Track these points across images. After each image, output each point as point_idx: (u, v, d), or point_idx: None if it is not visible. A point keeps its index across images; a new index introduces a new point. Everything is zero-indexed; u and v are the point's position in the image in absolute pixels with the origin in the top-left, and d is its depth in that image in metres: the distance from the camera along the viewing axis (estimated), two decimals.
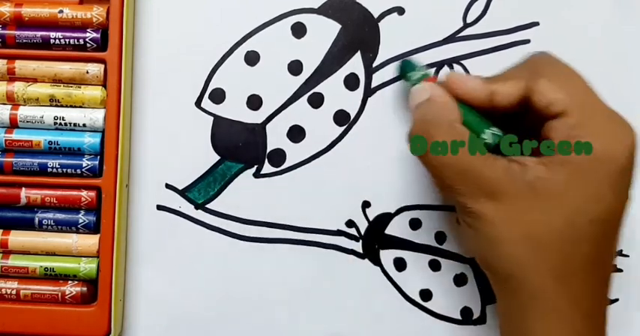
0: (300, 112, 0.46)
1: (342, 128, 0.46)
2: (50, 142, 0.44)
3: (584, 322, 0.37)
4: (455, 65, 0.46)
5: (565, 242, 0.36)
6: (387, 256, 0.46)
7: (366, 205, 0.46)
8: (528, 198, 0.36)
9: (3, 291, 0.44)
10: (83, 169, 0.44)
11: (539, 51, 0.41)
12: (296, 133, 0.46)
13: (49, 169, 0.44)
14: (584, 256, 0.36)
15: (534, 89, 0.38)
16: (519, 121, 0.40)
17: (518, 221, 0.36)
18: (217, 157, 0.46)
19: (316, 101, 0.46)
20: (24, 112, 0.44)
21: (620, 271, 0.46)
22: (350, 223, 0.46)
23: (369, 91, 0.46)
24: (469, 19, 0.47)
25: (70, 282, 0.45)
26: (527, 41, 0.46)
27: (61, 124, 0.45)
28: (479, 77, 0.40)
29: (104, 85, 0.45)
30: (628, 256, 0.46)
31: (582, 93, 0.38)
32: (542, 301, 0.37)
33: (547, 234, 0.36)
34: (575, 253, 0.36)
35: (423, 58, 0.46)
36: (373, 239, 0.46)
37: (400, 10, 0.47)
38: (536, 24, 0.46)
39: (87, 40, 0.44)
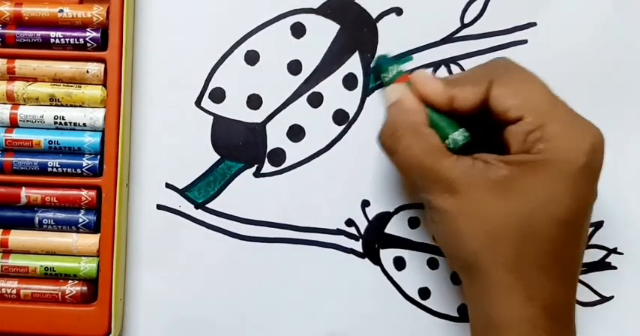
0: (300, 112, 0.46)
1: (342, 127, 0.47)
2: (50, 142, 0.44)
3: (542, 315, 0.37)
4: (452, 65, 0.47)
5: (521, 238, 0.37)
6: (387, 255, 0.47)
7: (365, 204, 0.47)
8: (488, 194, 0.38)
9: (3, 290, 0.44)
10: (83, 169, 0.44)
11: (498, 56, 0.42)
12: (296, 133, 0.47)
13: (49, 169, 0.44)
14: (541, 253, 0.37)
15: (491, 95, 0.39)
16: (484, 118, 0.40)
17: (477, 216, 0.38)
18: (217, 157, 0.46)
19: (316, 101, 0.46)
20: (24, 111, 0.44)
21: (615, 268, 0.47)
22: (349, 222, 0.47)
23: (367, 91, 0.47)
24: (467, 20, 0.47)
25: (70, 281, 0.45)
26: (524, 41, 0.47)
27: (61, 123, 0.44)
28: (440, 80, 0.41)
29: (104, 85, 0.45)
30: (622, 253, 0.47)
31: (539, 98, 0.39)
32: (497, 291, 0.38)
33: (504, 229, 0.37)
34: (531, 249, 0.37)
35: (421, 59, 0.47)
36: (373, 238, 0.47)
37: (398, 11, 0.47)
38: (533, 24, 0.47)
39: (87, 39, 0.44)
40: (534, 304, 0.37)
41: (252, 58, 0.47)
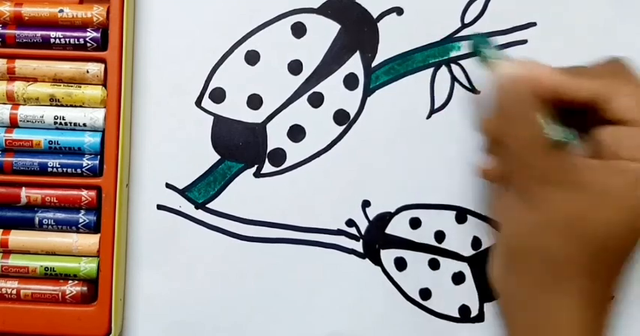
0: (300, 112, 0.46)
1: (342, 128, 0.46)
2: (50, 142, 0.44)
3: (598, 321, 0.37)
4: (453, 65, 0.47)
5: (613, 247, 0.36)
6: (388, 255, 0.46)
7: (366, 204, 0.47)
8: (590, 195, 0.36)
9: (3, 291, 0.44)
10: (83, 169, 0.44)
11: (615, 57, 0.40)
12: (296, 133, 0.46)
13: (50, 169, 0.44)
14: (618, 261, 0.37)
15: (610, 92, 0.37)
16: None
17: (578, 214, 0.36)
18: (217, 157, 0.46)
19: (316, 101, 0.46)
20: (24, 111, 0.44)
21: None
22: (350, 223, 0.47)
23: (368, 91, 0.47)
24: (467, 20, 0.47)
25: (70, 282, 0.45)
26: (524, 41, 0.47)
27: (61, 123, 0.45)
28: (555, 68, 0.39)
29: (104, 85, 0.45)
30: None
31: None
32: (574, 291, 0.37)
33: (600, 236, 0.36)
34: (616, 258, 0.37)
35: (420, 58, 0.47)
36: (374, 239, 0.47)
37: (399, 11, 0.47)
38: (533, 24, 0.47)
39: (87, 39, 0.44)
40: (599, 313, 0.37)
41: (252, 58, 0.47)
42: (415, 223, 0.47)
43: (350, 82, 0.47)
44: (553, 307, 0.37)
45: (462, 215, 0.47)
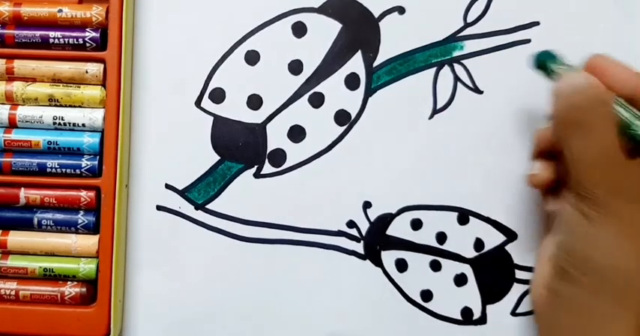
0: (301, 112, 0.46)
1: (343, 128, 0.46)
2: (49, 142, 0.44)
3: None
4: (456, 65, 0.46)
5: None
6: (389, 257, 0.46)
7: (367, 205, 0.46)
8: None
9: (2, 291, 0.44)
10: (82, 169, 0.44)
11: None
12: (296, 133, 0.46)
13: (48, 169, 0.44)
14: None
15: None
16: None
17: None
18: (217, 157, 0.46)
19: (317, 101, 0.46)
20: (23, 111, 0.44)
21: None
22: (351, 224, 0.46)
23: (369, 91, 0.46)
24: (469, 19, 0.46)
25: (69, 282, 0.45)
26: (527, 41, 0.46)
27: (60, 123, 0.44)
28: (628, 68, 0.38)
29: (103, 85, 0.45)
30: None
31: None
32: (629, 315, 0.36)
33: None
34: None
35: (422, 58, 0.46)
36: (374, 240, 0.46)
37: (401, 10, 0.46)
38: (536, 24, 0.46)
39: (86, 39, 0.44)
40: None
41: (252, 58, 0.46)
42: (416, 225, 0.46)
43: (351, 82, 0.46)
44: (604, 328, 0.36)
45: (463, 216, 0.46)
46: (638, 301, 0.36)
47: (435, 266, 0.46)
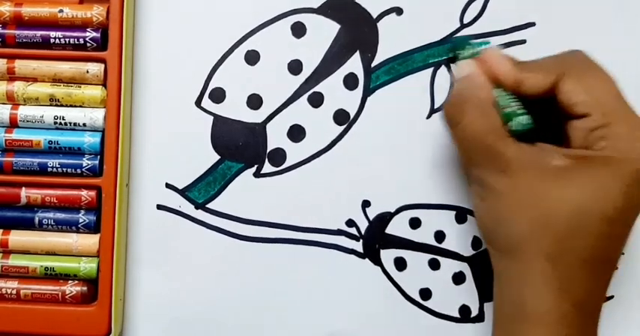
0: (301, 112, 0.46)
1: (342, 127, 0.47)
2: (50, 142, 0.44)
3: (575, 309, 0.37)
4: (453, 65, 0.47)
5: (567, 230, 0.37)
6: (388, 255, 0.46)
7: (366, 204, 0.47)
8: (542, 181, 0.38)
9: (3, 291, 0.44)
10: (83, 169, 0.44)
11: (575, 49, 0.41)
12: (296, 133, 0.46)
13: (49, 169, 0.44)
14: (584, 247, 0.37)
15: (560, 88, 0.39)
16: (547, 105, 0.40)
17: (527, 200, 0.38)
18: (217, 157, 0.46)
19: (316, 101, 0.46)
20: (24, 111, 0.44)
21: (616, 268, 0.46)
22: (350, 223, 0.47)
23: (368, 91, 0.47)
24: (466, 20, 0.47)
25: (70, 282, 0.45)
26: (523, 41, 0.47)
27: (61, 123, 0.44)
28: (511, 61, 0.41)
29: (104, 85, 0.45)
30: (623, 253, 0.46)
31: (608, 97, 0.39)
32: (534, 279, 0.38)
33: (552, 218, 0.37)
34: (575, 242, 0.37)
35: (420, 58, 0.47)
36: (373, 239, 0.47)
37: (399, 11, 0.47)
38: (532, 24, 0.47)
39: (87, 39, 0.44)
40: (568, 298, 0.37)
41: (252, 57, 0.47)
42: (415, 223, 0.47)
43: (350, 81, 0.47)
44: (520, 294, 0.38)
45: (462, 215, 0.47)
46: (535, 262, 0.38)
47: (434, 265, 0.47)
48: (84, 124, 0.44)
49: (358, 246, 0.47)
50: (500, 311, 0.40)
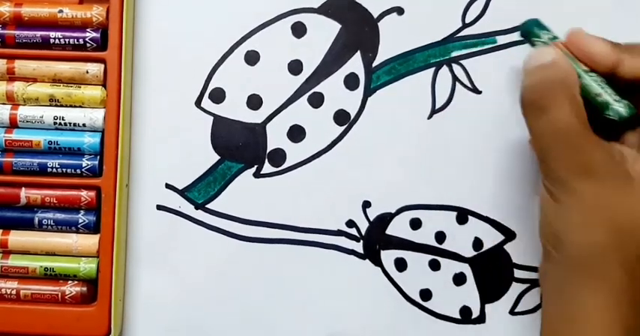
0: (301, 112, 0.46)
1: (343, 128, 0.46)
2: (50, 142, 0.44)
3: (636, 321, 0.36)
4: (454, 65, 0.46)
5: None
6: (388, 256, 0.46)
7: (366, 205, 0.46)
8: (624, 188, 0.36)
9: (3, 291, 0.44)
10: (83, 169, 0.44)
11: None
12: (296, 133, 0.46)
13: (49, 169, 0.44)
14: None
15: None
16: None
17: (608, 207, 0.36)
18: (217, 157, 0.46)
19: (316, 101, 0.46)
20: (24, 111, 0.44)
21: None
22: (350, 223, 0.46)
23: (368, 91, 0.47)
24: (468, 19, 0.47)
25: (69, 282, 0.45)
26: (525, 41, 0.46)
27: (60, 123, 0.45)
28: (606, 41, 0.39)
29: (104, 85, 0.45)
30: None
31: None
32: (605, 287, 0.36)
33: (632, 228, 0.36)
34: None
35: (421, 58, 0.47)
36: (374, 239, 0.46)
37: (399, 10, 0.47)
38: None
39: (87, 39, 0.44)
40: (635, 311, 0.36)
41: (252, 58, 0.46)
42: (416, 224, 0.46)
43: (350, 82, 0.46)
44: (584, 303, 0.36)
45: (462, 216, 0.46)
46: (611, 273, 0.36)
47: (434, 265, 0.46)
48: (84, 125, 0.45)
49: (358, 246, 0.46)
50: (552, 319, 0.39)
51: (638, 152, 0.37)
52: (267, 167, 0.46)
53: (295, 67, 0.46)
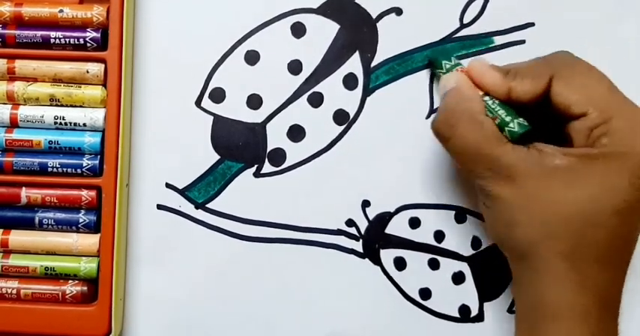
0: (300, 112, 0.47)
1: (342, 127, 0.47)
2: (50, 142, 0.44)
3: (595, 304, 0.38)
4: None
5: (578, 228, 0.37)
6: (388, 255, 0.47)
7: (365, 204, 0.47)
8: (546, 184, 0.38)
9: (3, 290, 0.44)
10: (83, 169, 0.44)
11: (560, 51, 0.41)
12: (296, 133, 0.47)
13: (50, 169, 0.44)
14: (597, 243, 0.37)
15: (553, 90, 0.39)
16: (543, 108, 0.40)
17: (533, 205, 0.38)
18: (217, 157, 0.46)
19: (316, 101, 0.47)
20: (24, 111, 0.44)
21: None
22: (350, 223, 0.47)
23: (367, 91, 0.47)
24: (466, 20, 0.47)
25: (70, 281, 0.45)
26: (522, 42, 0.47)
27: (61, 123, 0.45)
28: (498, 70, 0.41)
29: (104, 85, 0.45)
30: None
31: (602, 93, 0.39)
32: (551, 279, 0.38)
33: (561, 218, 0.37)
34: (588, 239, 0.37)
35: (419, 58, 0.47)
36: (373, 238, 0.47)
37: (398, 11, 0.47)
38: (531, 25, 0.47)
39: (87, 39, 0.44)
40: (588, 293, 0.38)
41: (252, 58, 0.47)
42: (415, 223, 0.47)
43: (349, 82, 0.47)
44: (539, 294, 0.39)
45: (461, 215, 0.47)
46: (550, 264, 0.38)
47: (434, 264, 0.47)
48: (84, 124, 0.45)
49: (358, 246, 0.47)
50: (522, 313, 0.41)
51: (557, 148, 0.39)
52: (267, 167, 0.47)
53: (295, 66, 0.46)
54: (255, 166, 0.47)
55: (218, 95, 0.47)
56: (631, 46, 0.47)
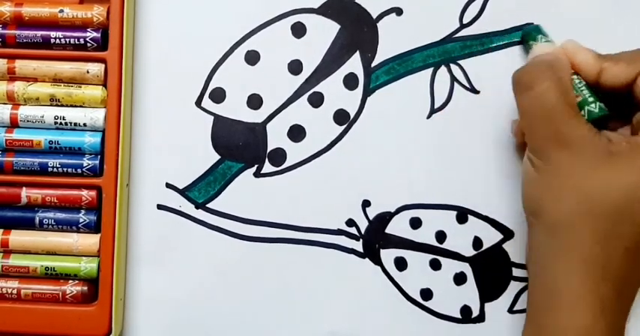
0: (301, 112, 0.47)
1: (342, 127, 0.47)
2: (51, 142, 0.44)
3: (613, 294, 0.38)
4: (452, 65, 0.47)
5: (616, 215, 0.37)
6: (388, 255, 0.46)
7: (366, 204, 0.47)
8: (600, 163, 0.38)
9: (4, 290, 0.44)
10: (84, 169, 0.44)
11: None
12: (296, 133, 0.47)
13: (50, 169, 0.44)
14: (630, 234, 0.38)
15: (638, 81, 0.39)
16: (620, 99, 0.41)
17: (582, 178, 0.38)
18: (218, 157, 0.46)
19: (316, 101, 0.47)
20: (24, 111, 0.44)
21: None
22: (350, 223, 0.47)
23: (368, 91, 0.47)
24: (465, 20, 0.47)
25: (70, 281, 0.45)
26: (522, 42, 0.47)
27: (61, 123, 0.45)
28: (592, 51, 0.42)
29: (104, 85, 0.45)
30: None
31: None
32: (578, 257, 0.38)
33: (604, 200, 0.38)
34: (622, 228, 0.37)
35: (419, 58, 0.47)
36: (373, 238, 0.47)
37: (398, 11, 0.47)
38: (531, 25, 0.47)
39: (87, 39, 0.45)
40: (609, 281, 0.38)
41: (252, 58, 0.47)
42: (415, 223, 0.47)
43: (350, 82, 0.47)
44: (559, 272, 0.39)
45: (462, 215, 0.47)
46: (582, 242, 0.38)
47: (435, 265, 0.46)
48: (84, 124, 0.45)
49: (358, 246, 0.47)
50: (536, 298, 0.40)
51: (623, 135, 0.40)
52: (268, 167, 0.47)
53: (295, 66, 0.47)
54: (256, 166, 0.47)
55: (218, 95, 0.47)
56: (631, 46, 0.47)
